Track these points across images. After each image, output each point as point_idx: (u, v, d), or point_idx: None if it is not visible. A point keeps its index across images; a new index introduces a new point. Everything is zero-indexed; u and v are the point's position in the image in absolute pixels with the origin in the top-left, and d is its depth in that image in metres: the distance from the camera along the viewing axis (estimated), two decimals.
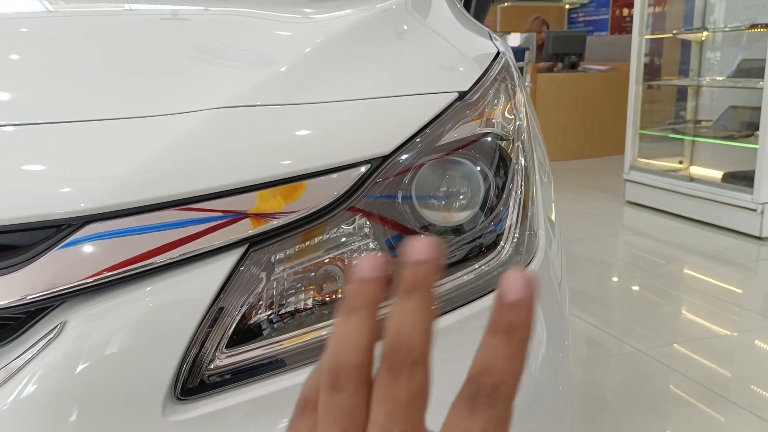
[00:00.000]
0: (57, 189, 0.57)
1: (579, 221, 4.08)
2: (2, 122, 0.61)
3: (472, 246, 0.75)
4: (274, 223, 0.61)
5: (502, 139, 0.80)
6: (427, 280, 0.27)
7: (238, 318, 0.62)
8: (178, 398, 0.59)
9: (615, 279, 3.29)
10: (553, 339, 0.76)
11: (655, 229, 4.00)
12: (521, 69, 5.90)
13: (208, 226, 0.60)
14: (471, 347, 0.70)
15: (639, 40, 4.48)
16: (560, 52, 6.29)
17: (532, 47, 6.58)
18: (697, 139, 4.35)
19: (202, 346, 0.60)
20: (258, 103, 0.67)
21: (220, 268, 0.60)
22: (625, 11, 8.27)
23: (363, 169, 0.66)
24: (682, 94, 4.74)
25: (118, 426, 0.56)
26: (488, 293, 0.72)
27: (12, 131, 0.61)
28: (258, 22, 0.95)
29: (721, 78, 4.35)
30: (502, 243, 0.76)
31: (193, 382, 0.60)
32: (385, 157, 0.68)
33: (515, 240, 0.77)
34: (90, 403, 0.56)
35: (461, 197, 0.76)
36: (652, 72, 4.72)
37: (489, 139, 0.78)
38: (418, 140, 0.71)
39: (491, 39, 1.04)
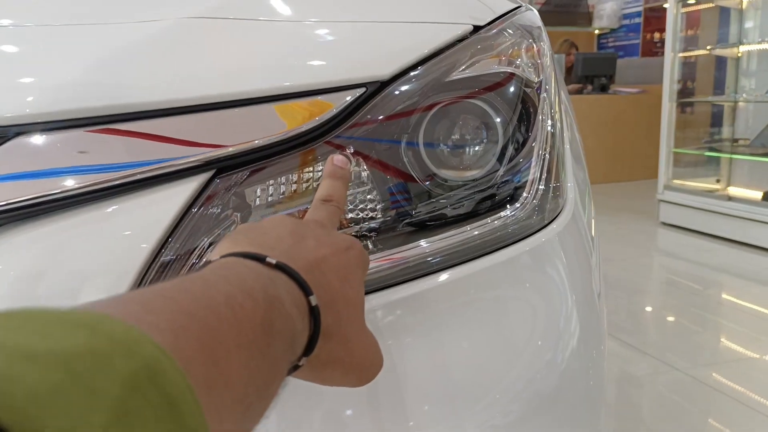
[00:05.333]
0: None
1: (612, 243, 3.92)
2: None
3: (483, 198, 0.64)
4: (241, 148, 0.51)
5: (526, 84, 0.69)
6: (344, 176, 0.53)
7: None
8: None
9: (650, 301, 3.12)
10: (586, 337, 0.65)
11: (692, 250, 3.82)
12: None
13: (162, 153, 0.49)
14: (480, 302, 0.59)
15: (672, 56, 4.35)
16: (590, 74, 6.17)
17: (560, 69, 6.48)
18: (735, 157, 4.17)
19: None
20: (233, 17, 0.57)
21: (177, 196, 0.49)
22: (656, 36, 8.13)
23: (350, 96, 0.55)
24: (717, 112, 4.59)
25: None
26: (500, 249, 0.61)
27: None
28: None
29: (758, 94, 4.19)
30: (522, 197, 0.65)
31: None
32: (384, 84, 0.58)
33: (538, 195, 0.65)
34: None
35: (476, 147, 0.65)
36: (685, 92, 4.58)
37: (510, 80, 0.67)
38: (423, 70, 0.60)
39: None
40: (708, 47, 4.37)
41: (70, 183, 0.48)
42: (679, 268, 3.60)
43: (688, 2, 4.32)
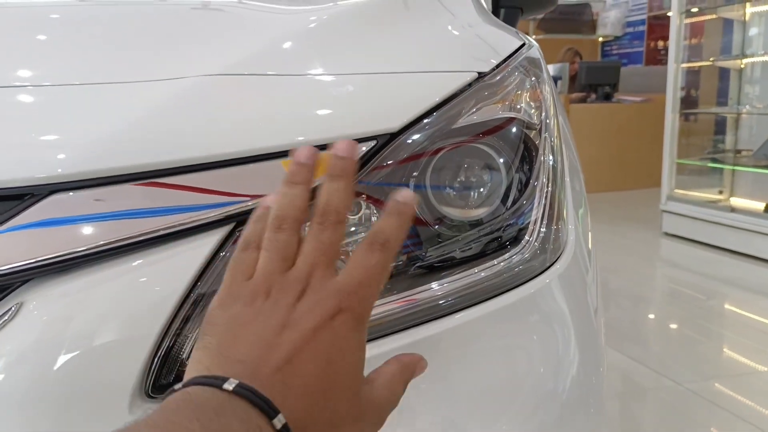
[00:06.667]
0: (19, 154, 0.51)
1: (614, 253, 3.94)
2: None
3: (489, 240, 0.67)
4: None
5: (528, 127, 0.72)
6: (348, 170, 0.44)
7: None
8: (149, 395, 0.51)
9: (653, 311, 3.14)
10: (585, 362, 0.68)
11: (695, 261, 3.84)
12: None
13: (189, 209, 0.53)
14: (486, 347, 0.61)
15: (675, 67, 4.37)
16: (593, 82, 6.20)
17: (564, 77, 6.50)
18: (737, 168, 4.19)
19: (177, 337, 0.52)
20: (251, 72, 0.60)
21: (200, 248, 0.52)
22: (660, 44, 8.15)
23: (365, 146, 0.59)
24: (720, 123, 4.60)
25: (77, 425, 0.49)
26: (506, 292, 0.64)
27: None
28: (255, 6, 0.90)
29: (761, 106, 4.21)
30: (525, 239, 0.68)
31: (167, 378, 0.52)
32: (393, 135, 0.61)
33: (540, 236, 0.68)
34: (43, 398, 0.48)
35: (480, 189, 0.68)
36: (689, 103, 4.60)
37: (512, 124, 0.70)
38: (431, 120, 0.64)
39: (518, 35, 0.97)
40: (711, 58, 4.40)
41: (98, 234, 0.51)
42: (682, 279, 3.62)
43: (692, 12, 4.35)
